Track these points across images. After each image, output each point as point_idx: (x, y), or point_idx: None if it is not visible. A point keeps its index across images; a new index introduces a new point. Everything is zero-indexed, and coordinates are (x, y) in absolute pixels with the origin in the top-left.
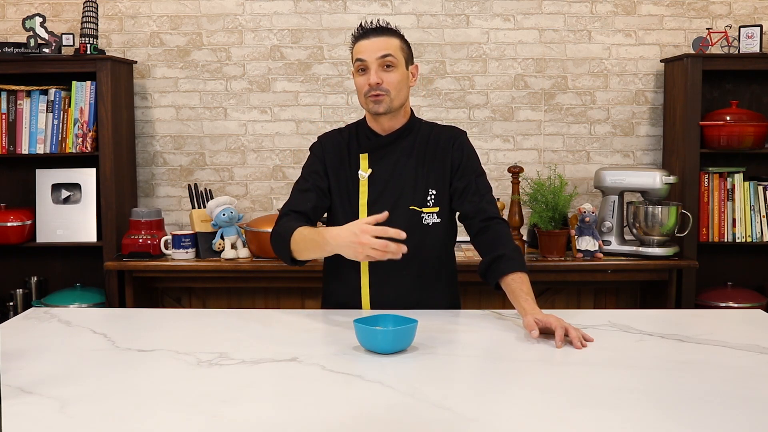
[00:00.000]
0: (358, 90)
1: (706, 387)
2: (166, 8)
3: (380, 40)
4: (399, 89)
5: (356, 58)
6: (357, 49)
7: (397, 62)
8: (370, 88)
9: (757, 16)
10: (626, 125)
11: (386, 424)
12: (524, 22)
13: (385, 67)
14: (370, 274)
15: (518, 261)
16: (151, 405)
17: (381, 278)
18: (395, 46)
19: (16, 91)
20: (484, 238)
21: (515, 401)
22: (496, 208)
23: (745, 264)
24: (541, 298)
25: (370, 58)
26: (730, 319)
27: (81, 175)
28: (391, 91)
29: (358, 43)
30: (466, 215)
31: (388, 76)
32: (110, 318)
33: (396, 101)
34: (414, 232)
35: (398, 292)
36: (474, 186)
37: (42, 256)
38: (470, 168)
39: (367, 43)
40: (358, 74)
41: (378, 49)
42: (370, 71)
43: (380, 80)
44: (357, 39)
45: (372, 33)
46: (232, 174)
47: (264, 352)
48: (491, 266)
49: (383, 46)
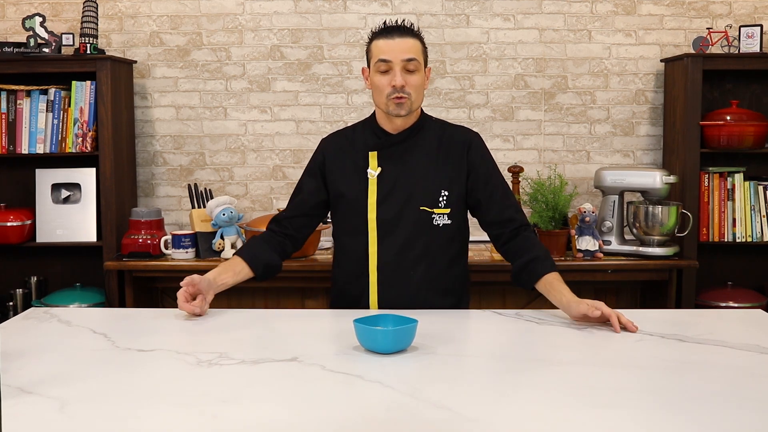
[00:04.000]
0: (379, 89)
1: (706, 387)
2: (166, 8)
3: (405, 41)
4: (419, 92)
5: (379, 58)
6: (379, 48)
7: (419, 66)
8: (394, 90)
9: (757, 15)
10: (626, 125)
11: (386, 424)
12: (524, 22)
13: (408, 70)
14: (379, 274)
15: (551, 262)
16: (151, 405)
17: (389, 278)
18: (418, 49)
19: (16, 91)
20: (513, 244)
21: (515, 401)
22: (523, 215)
23: (745, 264)
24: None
25: (396, 59)
26: (730, 319)
27: (81, 175)
28: (412, 94)
29: (381, 41)
30: (494, 225)
31: (411, 78)
32: (110, 318)
33: (416, 104)
34: (424, 233)
35: (406, 292)
36: (499, 195)
37: (42, 256)
38: (491, 175)
39: (392, 43)
40: (380, 74)
41: (403, 51)
42: (395, 72)
43: (404, 82)
44: (378, 36)
45: (396, 32)
46: (232, 174)
47: (264, 352)
48: (525, 268)
49: (408, 48)
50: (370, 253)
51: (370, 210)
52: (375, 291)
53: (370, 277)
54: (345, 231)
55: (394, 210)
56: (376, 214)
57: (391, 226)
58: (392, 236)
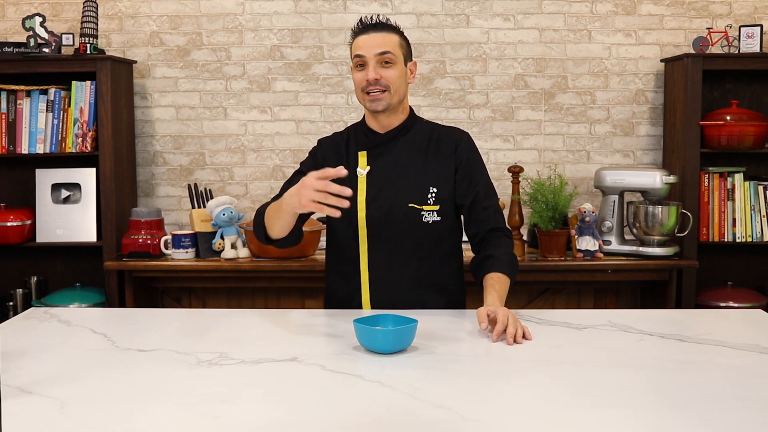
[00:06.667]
0: (356, 85)
1: (707, 387)
2: (166, 8)
3: (379, 36)
4: (398, 85)
5: (355, 54)
6: (356, 45)
7: (395, 59)
8: (368, 84)
9: (757, 15)
10: (626, 125)
11: (386, 424)
12: (524, 22)
13: (384, 63)
14: (370, 272)
15: (505, 263)
16: (151, 405)
17: (380, 277)
18: (394, 42)
19: (16, 91)
20: (485, 243)
21: (515, 401)
22: (501, 217)
23: (745, 264)
24: (541, 298)
25: (369, 53)
26: (730, 319)
27: (81, 175)
28: (391, 87)
29: (357, 39)
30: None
31: (387, 72)
32: (110, 318)
33: (395, 97)
34: (413, 230)
35: (398, 290)
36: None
37: (42, 255)
38: (476, 174)
39: (366, 39)
40: (357, 70)
41: (377, 46)
42: (369, 67)
43: (378, 76)
44: (356, 34)
45: (371, 29)
46: (232, 174)
47: (264, 352)
48: (479, 265)
49: (382, 42)
50: (360, 252)
51: (360, 209)
52: (367, 290)
53: (362, 276)
54: (336, 230)
55: (384, 208)
56: (366, 212)
57: (380, 225)
58: (382, 234)
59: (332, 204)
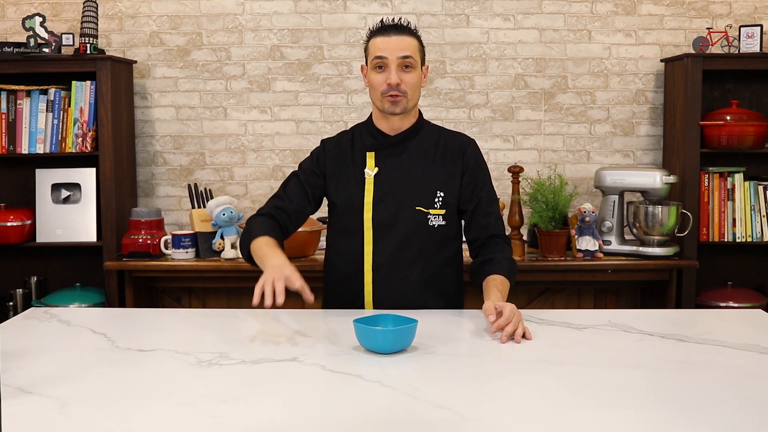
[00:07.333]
0: (374, 87)
1: (707, 387)
2: (166, 8)
3: (401, 39)
4: (415, 90)
5: (375, 55)
6: (376, 46)
7: (415, 63)
8: (389, 88)
9: (757, 15)
10: (626, 125)
11: (386, 424)
12: (524, 22)
13: (404, 67)
14: (374, 274)
15: (505, 267)
16: (151, 405)
17: (384, 278)
18: (414, 46)
19: (16, 91)
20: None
21: (515, 401)
22: (502, 225)
23: (745, 264)
24: (541, 298)
25: (391, 56)
26: (730, 319)
27: (81, 175)
28: (408, 92)
29: (378, 39)
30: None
31: (407, 76)
32: (110, 318)
33: (411, 102)
34: (419, 233)
35: (401, 291)
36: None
37: (42, 255)
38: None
39: (387, 41)
40: (376, 71)
41: (399, 49)
42: (390, 70)
43: (400, 80)
44: (376, 34)
45: (393, 30)
46: (232, 174)
47: (264, 352)
48: (479, 268)
49: (404, 45)
50: (365, 253)
51: (366, 210)
52: (370, 291)
53: (365, 277)
54: (340, 230)
55: (390, 210)
56: (372, 214)
57: (386, 226)
58: (388, 236)
59: (265, 299)
